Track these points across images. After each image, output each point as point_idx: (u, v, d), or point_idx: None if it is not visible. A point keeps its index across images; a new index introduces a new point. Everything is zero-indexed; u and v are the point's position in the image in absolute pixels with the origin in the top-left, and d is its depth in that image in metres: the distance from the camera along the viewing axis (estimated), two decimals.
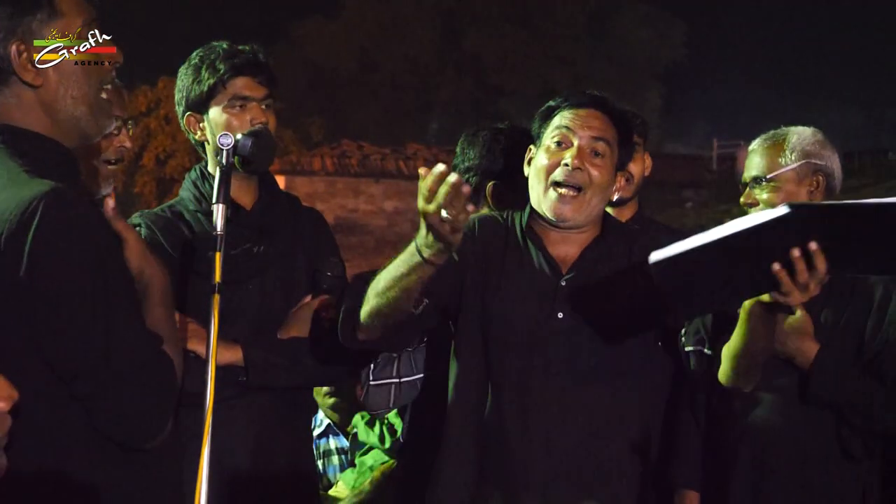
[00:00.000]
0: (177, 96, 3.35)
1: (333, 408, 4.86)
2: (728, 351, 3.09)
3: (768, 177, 3.41)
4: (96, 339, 2.16)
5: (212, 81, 3.25)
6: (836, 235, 2.63)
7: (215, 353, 2.66)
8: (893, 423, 3.27)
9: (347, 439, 4.85)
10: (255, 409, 3.21)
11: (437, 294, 3.00)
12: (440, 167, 2.56)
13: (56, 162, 2.31)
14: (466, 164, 3.68)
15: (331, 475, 4.95)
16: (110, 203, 2.44)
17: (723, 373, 3.14)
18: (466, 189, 2.54)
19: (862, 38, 37.95)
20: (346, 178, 18.23)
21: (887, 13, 36.09)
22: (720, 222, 2.79)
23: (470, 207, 2.57)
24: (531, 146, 3.20)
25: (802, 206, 2.70)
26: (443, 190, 2.54)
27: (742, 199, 3.45)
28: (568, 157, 3.05)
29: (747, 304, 2.91)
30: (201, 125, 3.30)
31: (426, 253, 2.71)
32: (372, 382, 3.44)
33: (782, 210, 2.60)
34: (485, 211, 3.67)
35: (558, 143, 3.09)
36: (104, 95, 2.39)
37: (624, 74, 27.77)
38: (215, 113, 3.26)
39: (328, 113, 25.95)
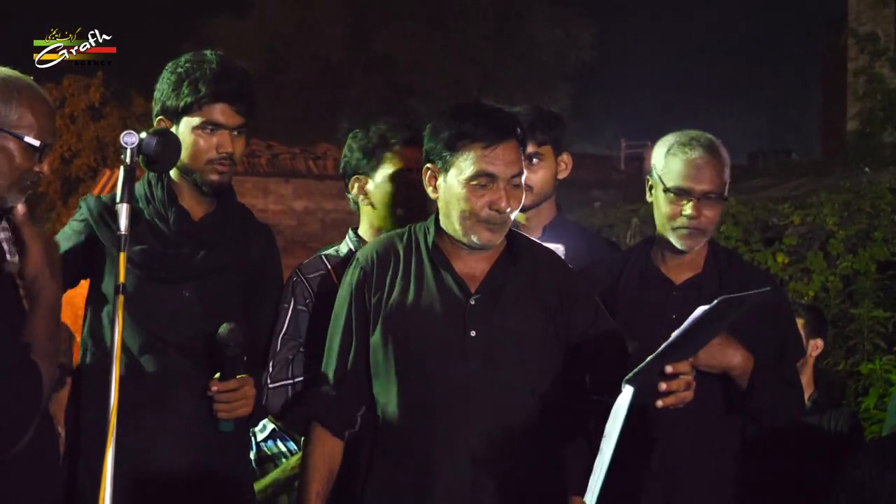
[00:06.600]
0: (155, 94, 3.36)
1: None
2: None
3: (726, 195, 3.40)
4: None
5: (189, 100, 3.27)
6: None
7: (119, 353, 2.64)
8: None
9: (297, 443, 4.78)
10: (182, 410, 3.29)
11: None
12: None
13: None
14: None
15: None
16: (20, 209, 2.43)
17: None
18: None
19: (764, 42, 38.68)
20: (256, 177, 18.06)
21: (789, 17, 36.86)
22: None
23: None
24: (429, 164, 3.18)
25: (730, 298, 2.80)
26: None
27: (688, 211, 3.31)
28: (497, 200, 3.06)
29: None
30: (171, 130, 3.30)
31: None
32: (270, 385, 3.48)
33: (714, 302, 2.73)
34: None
35: (482, 186, 3.07)
36: None
37: (533, 74, 27.93)
38: (185, 127, 3.29)
39: None
